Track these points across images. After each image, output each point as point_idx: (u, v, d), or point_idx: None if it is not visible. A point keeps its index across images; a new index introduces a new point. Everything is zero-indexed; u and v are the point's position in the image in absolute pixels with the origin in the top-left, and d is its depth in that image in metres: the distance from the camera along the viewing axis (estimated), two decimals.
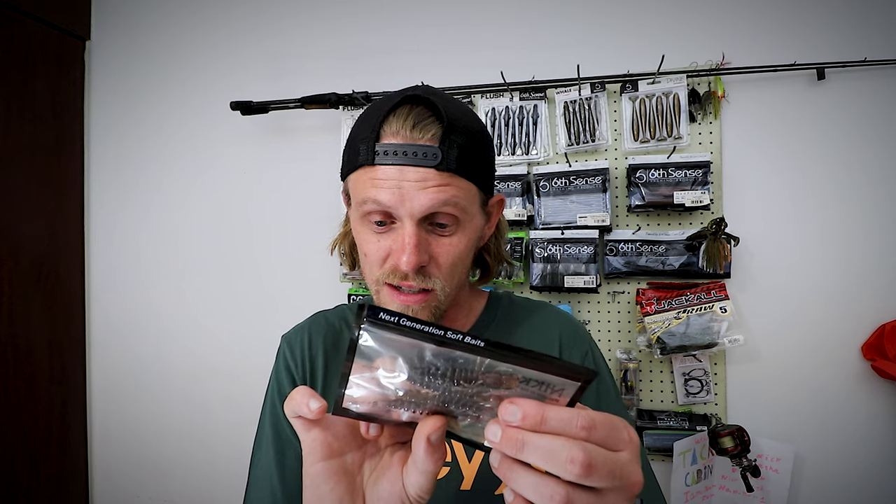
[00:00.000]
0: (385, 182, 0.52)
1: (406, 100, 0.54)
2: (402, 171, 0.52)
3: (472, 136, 0.55)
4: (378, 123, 0.53)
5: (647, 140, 1.24)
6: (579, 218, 1.25)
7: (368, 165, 0.53)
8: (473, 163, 0.55)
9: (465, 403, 0.32)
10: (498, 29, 1.38)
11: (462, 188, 0.54)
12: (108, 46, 1.67)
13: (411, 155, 0.52)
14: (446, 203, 0.53)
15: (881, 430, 1.18)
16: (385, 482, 0.36)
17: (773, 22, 1.22)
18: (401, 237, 0.54)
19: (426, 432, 0.32)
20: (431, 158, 0.52)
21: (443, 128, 0.52)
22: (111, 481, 1.67)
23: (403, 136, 0.52)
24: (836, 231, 1.20)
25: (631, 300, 1.28)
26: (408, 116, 0.53)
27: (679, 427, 1.21)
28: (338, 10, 1.49)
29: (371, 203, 0.54)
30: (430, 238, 0.55)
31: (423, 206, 0.52)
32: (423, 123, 0.53)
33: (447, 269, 0.57)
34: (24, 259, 1.49)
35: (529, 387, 0.30)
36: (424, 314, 0.57)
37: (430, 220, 0.55)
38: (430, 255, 0.55)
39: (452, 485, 0.59)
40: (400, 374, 0.31)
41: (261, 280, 1.54)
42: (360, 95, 1.38)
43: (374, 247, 0.56)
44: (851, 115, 1.19)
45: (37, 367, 1.51)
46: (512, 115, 1.32)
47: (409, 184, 0.52)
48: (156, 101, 1.63)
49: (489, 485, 0.59)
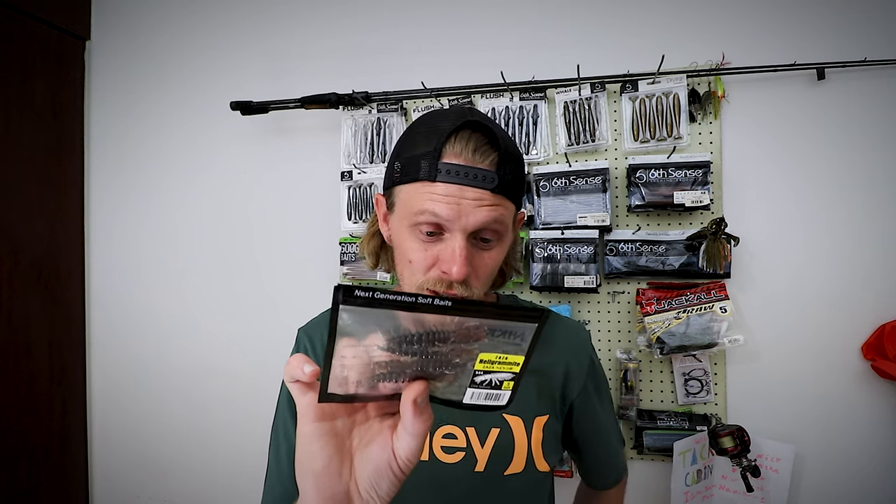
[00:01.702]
0: (445, 198, 0.58)
1: (467, 125, 0.60)
2: (461, 190, 0.58)
3: (518, 164, 0.63)
4: (440, 143, 0.59)
5: (647, 140, 1.24)
6: (579, 218, 1.25)
7: (429, 181, 0.59)
8: (518, 187, 0.63)
9: (441, 363, 0.34)
10: (498, 29, 1.38)
11: (507, 209, 0.62)
12: (108, 46, 1.67)
13: (472, 177, 0.58)
14: (495, 221, 0.60)
15: (881, 431, 1.18)
16: (375, 447, 0.38)
17: (774, 22, 1.22)
18: (450, 248, 0.59)
19: (412, 396, 0.34)
20: (490, 181, 0.59)
21: (499, 156, 0.59)
22: (111, 481, 1.67)
23: (465, 159, 0.59)
24: (836, 231, 1.20)
25: (631, 300, 1.28)
26: (469, 140, 0.59)
27: (679, 427, 1.21)
28: (338, 10, 1.49)
29: (428, 214, 0.59)
30: (475, 252, 0.62)
31: (477, 222, 0.59)
32: (483, 149, 0.59)
33: (484, 279, 0.63)
34: (24, 259, 1.49)
35: (495, 337, 0.33)
36: None
37: (476, 234, 0.61)
38: (473, 267, 0.61)
39: (467, 467, 0.66)
40: (380, 347, 0.32)
41: (261, 280, 1.54)
42: (360, 95, 1.38)
43: (422, 255, 0.61)
44: (851, 115, 1.19)
45: (37, 367, 1.51)
46: (512, 115, 1.32)
47: (466, 202, 0.58)
48: (156, 101, 1.63)
49: (499, 467, 0.67)
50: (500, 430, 0.68)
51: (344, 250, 1.40)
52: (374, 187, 1.39)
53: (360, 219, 1.39)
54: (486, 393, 0.36)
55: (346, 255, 1.40)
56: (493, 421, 0.68)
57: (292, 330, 0.78)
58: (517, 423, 0.68)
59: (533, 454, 0.68)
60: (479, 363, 0.35)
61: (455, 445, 0.67)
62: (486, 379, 0.35)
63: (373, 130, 1.40)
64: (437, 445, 0.67)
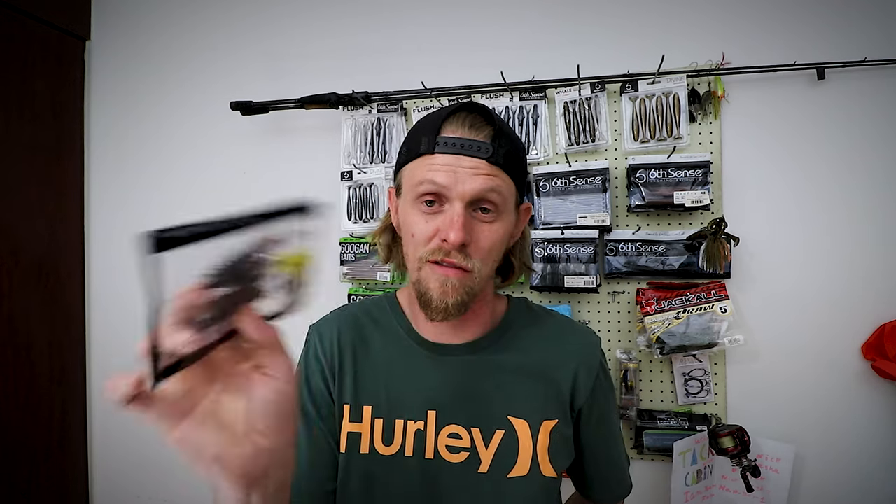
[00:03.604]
0: (443, 166, 0.61)
1: (464, 106, 0.65)
2: (458, 159, 0.61)
3: (515, 145, 0.65)
4: (439, 123, 0.63)
5: (647, 140, 1.24)
6: (579, 218, 1.25)
7: (428, 154, 0.63)
8: (515, 165, 0.65)
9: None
10: (498, 29, 1.38)
11: (505, 182, 0.64)
12: (108, 46, 1.67)
13: (468, 147, 0.62)
14: (492, 190, 0.62)
15: (881, 431, 1.18)
16: (246, 390, 0.36)
17: (774, 22, 1.22)
18: (449, 216, 0.61)
19: (245, 317, 0.35)
20: (484, 151, 0.62)
21: (494, 130, 0.63)
22: (111, 481, 1.67)
23: (462, 132, 0.63)
24: (836, 231, 1.20)
25: (631, 300, 1.28)
26: (465, 118, 0.63)
27: (679, 427, 1.21)
28: (338, 10, 1.49)
29: (427, 183, 0.62)
30: (474, 222, 0.63)
31: (473, 189, 0.61)
32: (479, 125, 0.63)
33: (485, 252, 0.64)
34: (24, 259, 1.49)
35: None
36: (459, 291, 0.63)
37: (475, 205, 0.63)
38: (472, 236, 0.62)
39: (471, 468, 0.67)
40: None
41: None
42: (360, 95, 1.38)
43: (423, 227, 0.63)
44: (851, 115, 1.19)
45: (37, 367, 1.51)
46: (512, 115, 1.32)
47: (463, 169, 0.61)
48: (156, 101, 1.63)
49: (503, 468, 0.67)
50: (504, 431, 0.68)
51: (344, 250, 1.40)
52: (374, 187, 1.39)
53: (359, 219, 1.39)
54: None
55: (346, 255, 1.40)
56: (498, 423, 0.68)
57: (292, 330, 0.77)
58: (522, 427, 0.68)
59: (538, 458, 0.68)
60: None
61: (459, 445, 0.67)
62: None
63: (373, 130, 1.40)
64: (442, 445, 0.67)
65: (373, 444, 0.68)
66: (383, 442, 0.68)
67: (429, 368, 0.70)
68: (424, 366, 0.70)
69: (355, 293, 1.39)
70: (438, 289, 0.63)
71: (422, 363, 0.70)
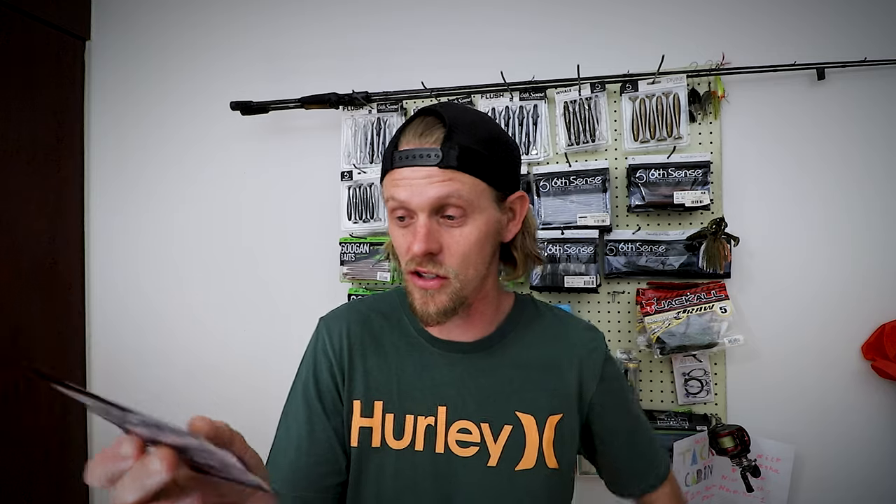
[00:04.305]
0: (401, 181, 0.62)
1: (419, 113, 0.65)
2: (412, 171, 0.62)
3: (477, 139, 0.63)
4: (398, 135, 0.65)
5: (647, 140, 1.24)
6: (579, 218, 1.25)
7: (391, 170, 0.64)
8: (478, 161, 0.62)
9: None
10: (498, 29, 1.38)
11: (467, 183, 0.62)
12: (108, 46, 1.67)
13: (417, 157, 0.61)
14: (450, 195, 0.61)
15: (881, 430, 1.18)
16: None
17: (774, 22, 1.22)
18: (413, 229, 0.63)
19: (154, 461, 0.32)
20: (434, 158, 0.61)
21: (445, 132, 0.61)
22: None
23: (414, 143, 0.63)
24: (836, 231, 1.20)
25: (631, 300, 1.28)
26: (418, 126, 0.63)
27: (679, 427, 1.21)
28: (338, 10, 1.49)
29: (392, 200, 0.64)
30: (442, 229, 0.63)
31: (429, 197, 0.61)
32: (430, 130, 0.62)
33: (459, 257, 0.64)
34: (24, 259, 1.49)
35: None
36: (442, 299, 0.65)
37: (440, 212, 0.63)
38: (442, 244, 0.63)
39: (481, 462, 0.69)
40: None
41: (261, 280, 1.54)
42: (360, 95, 1.38)
43: (400, 240, 0.66)
44: (851, 115, 1.19)
45: (37, 367, 1.51)
46: (512, 115, 1.32)
47: (417, 181, 0.61)
48: (156, 101, 1.63)
49: (511, 461, 0.69)
50: (512, 426, 0.70)
51: (344, 250, 1.40)
52: (374, 187, 1.39)
53: (359, 219, 1.39)
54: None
55: (346, 255, 1.40)
56: (506, 418, 0.71)
57: (292, 330, 0.78)
58: (529, 421, 0.71)
59: (544, 452, 0.70)
60: None
61: (469, 440, 0.70)
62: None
63: (373, 130, 1.40)
64: (452, 439, 0.70)
65: (384, 438, 0.70)
66: (394, 436, 0.70)
67: (438, 366, 0.72)
68: (434, 363, 0.72)
69: (355, 293, 1.39)
70: (419, 300, 0.66)
71: (431, 360, 0.72)
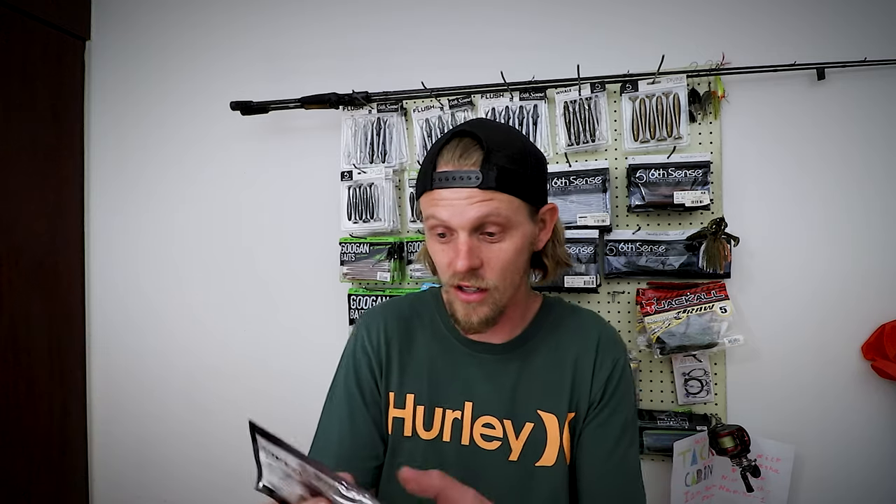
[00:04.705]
0: (442, 202, 0.66)
1: (455, 135, 0.68)
2: (453, 192, 0.65)
3: (512, 159, 0.67)
4: (435, 156, 0.68)
5: (647, 140, 1.24)
6: (579, 218, 1.25)
7: (429, 190, 0.68)
8: (514, 180, 0.66)
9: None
10: (498, 29, 1.38)
11: (504, 201, 0.66)
12: (108, 46, 1.67)
13: (458, 179, 0.65)
14: (490, 214, 0.65)
15: (881, 431, 1.18)
16: None
17: (773, 22, 1.22)
18: (455, 246, 0.67)
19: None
20: (475, 180, 0.64)
21: (483, 154, 0.65)
22: (111, 482, 1.67)
23: (453, 165, 0.66)
24: (836, 231, 1.20)
25: (631, 300, 1.28)
26: (456, 147, 0.67)
27: (679, 427, 1.21)
28: (338, 10, 1.49)
29: (433, 220, 0.68)
30: (482, 245, 0.68)
31: (471, 218, 0.65)
32: (468, 152, 0.66)
33: (498, 271, 0.68)
34: (24, 259, 1.49)
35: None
36: (484, 310, 0.70)
37: (480, 230, 0.67)
38: (482, 259, 0.68)
39: (502, 456, 0.74)
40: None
41: (261, 280, 1.54)
42: (360, 95, 1.38)
43: (441, 256, 0.70)
44: (851, 115, 1.19)
45: (37, 367, 1.51)
46: (512, 115, 1.32)
47: (459, 202, 0.65)
48: (156, 101, 1.63)
49: (531, 457, 0.73)
50: (534, 424, 0.74)
51: (344, 250, 1.40)
52: (374, 187, 1.39)
53: (359, 219, 1.39)
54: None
55: (345, 255, 1.40)
56: (528, 416, 0.75)
57: (292, 329, 0.81)
58: (551, 420, 0.74)
59: (564, 450, 0.74)
60: None
61: (493, 434, 0.74)
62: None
63: (373, 130, 1.40)
64: (477, 433, 0.75)
65: (415, 428, 0.76)
66: (424, 427, 0.76)
67: (467, 364, 0.78)
68: (463, 362, 0.78)
69: (355, 293, 1.39)
70: (462, 311, 0.71)
71: (461, 359, 0.78)
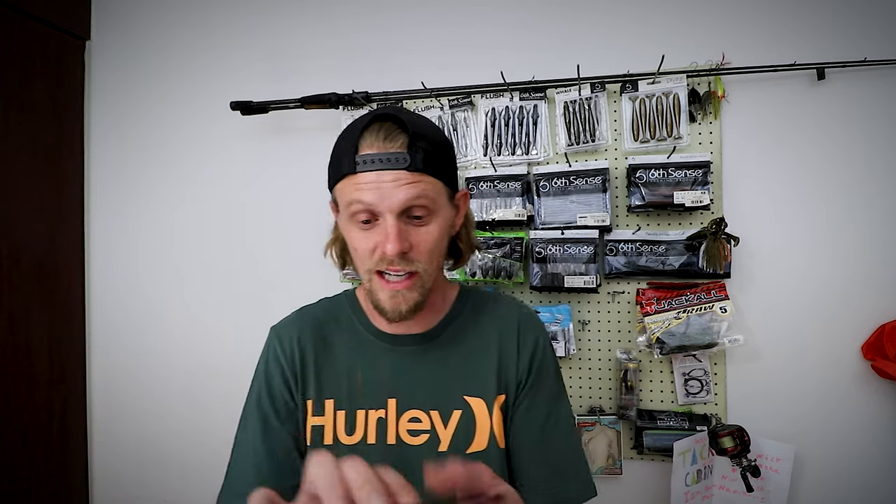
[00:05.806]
0: (366, 185, 0.63)
1: (376, 118, 0.65)
2: (379, 175, 0.63)
3: (435, 143, 0.66)
4: (356, 139, 0.64)
5: (647, 140, 1.24)
6: (579, 218, 1.25)
7: (351, 174, 0.64)
8: (438, 164, 0.66)
9: None
10: (498, 29, 1.38)
11: (430, 184, 0.65)
12: (108, 46, 1.67)
13: (385, 161, 0.63)
14: (418, 197, 0.64)
15: (881, 430, 1.18)
16: None
17: (773, 22, 1.22)
18: (383, 230, 0.64)
19: None
20: (402, 162, 0.63)
21: (409, 137, 0.63)
22: (111, 481, 1.67)
23: (378, 147, 0.63)
24: (836, 231, 1.20)
25: (631, 300, 1.28)
26: (379, 131, 0.64)
27: (679, 427, 1.21)
28: (338, 10, 1.49)
29: (357, 204, 0.64)
30: (409, 228, 0.66)
31: (399, 200, 0.63)
32: (393, 135, 0.64)
33: (426, 253, 0.67)
34: (24, 259, 1.49)
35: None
36: (413, 295, 0.68)
37: (406, 213, 0.65)
38: (410, 242, 0.66)
39: (432, 448, 0.71)
40: None
41: (261, 279, 1.54)
42: (360, 95, 1.38)
43: (363, 242, 0.66)
44: (851, 115, 1.19)
45: (37, 367, 1.51)
46: (512, 115, 1.32)
47: (386, 184, 0.63)
48: (156, 101, 1.63)
49: (462, 445, 0.71)
50: (461, 411, 0.72)
51: None
52: None
53: None
54: None
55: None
56: (455, 403, 0.73)
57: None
58: (479, 405, 0.73)
59: (495, 433, 0.72)
60: None
61: (420, 428, 0.72)
62: None
63: None
64: (403, 429, 0.72)
65: (336, 435, 0.72)
66: (346, 432, 0.72)
67: (387, 359, 0.75)
68: (383, 357, 0.75)
69: None
70: (389, 300, 0.68)
71: (381, 355, 0.75)
